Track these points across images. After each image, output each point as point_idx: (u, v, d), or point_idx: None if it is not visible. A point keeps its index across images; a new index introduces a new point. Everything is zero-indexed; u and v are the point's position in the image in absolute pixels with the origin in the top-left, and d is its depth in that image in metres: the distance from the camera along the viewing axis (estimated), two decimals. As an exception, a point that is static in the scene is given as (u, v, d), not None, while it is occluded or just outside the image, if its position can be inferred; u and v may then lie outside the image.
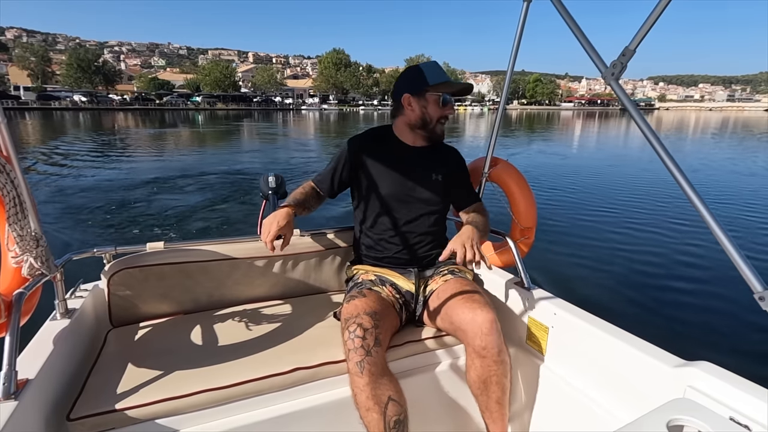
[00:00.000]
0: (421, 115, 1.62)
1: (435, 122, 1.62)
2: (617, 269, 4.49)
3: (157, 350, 1.42)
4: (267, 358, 1.37)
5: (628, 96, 1.06)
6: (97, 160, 12.36)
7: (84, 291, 1.60)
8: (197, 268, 1.69)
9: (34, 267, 1.21)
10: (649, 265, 4.59)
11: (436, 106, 1.60)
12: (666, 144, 0.98)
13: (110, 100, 62.66)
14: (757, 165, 13.28)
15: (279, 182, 1.83)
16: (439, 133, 1.66)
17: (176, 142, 18.70)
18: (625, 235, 5.67)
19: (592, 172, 11.47)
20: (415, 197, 1.65)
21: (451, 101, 1.61)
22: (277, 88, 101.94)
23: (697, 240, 5.25)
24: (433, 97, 1.59)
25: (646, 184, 9.36)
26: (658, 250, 5.04)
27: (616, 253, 4.95)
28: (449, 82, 1.59)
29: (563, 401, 1.47)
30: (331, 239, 1.93)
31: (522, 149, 17.40)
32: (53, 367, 1.20)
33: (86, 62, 71.74)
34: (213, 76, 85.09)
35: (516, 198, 1.90)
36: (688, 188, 0.94)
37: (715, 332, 3.31)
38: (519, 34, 1.69)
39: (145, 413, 1.16)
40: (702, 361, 1.10)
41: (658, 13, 1.00)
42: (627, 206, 7.28)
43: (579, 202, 7.60)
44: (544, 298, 1.57)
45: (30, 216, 1.19)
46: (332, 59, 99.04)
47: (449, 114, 1.63)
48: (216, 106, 70.13)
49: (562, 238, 5.43)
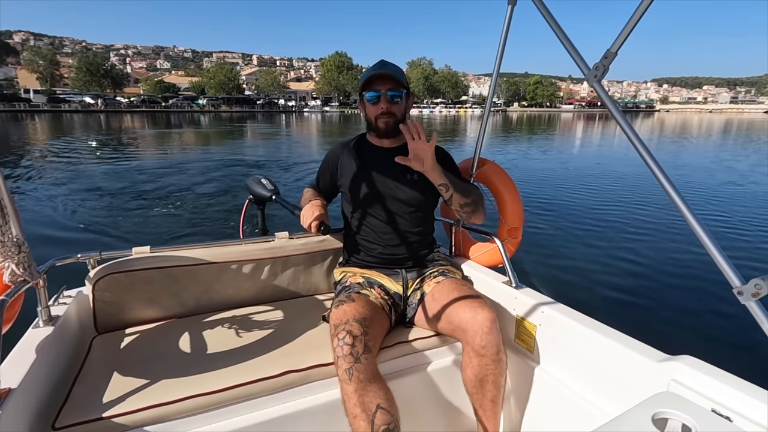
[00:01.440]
0: (365, 117, 1.69)
1: (375, 121, 1.64)
2: (603, 267, 4.60)
3: (144, 356, 1.41)
4: (257, 362, 1.37)
5: (611, 97, 1.08)
6: (85, 164, 12.06)
7: (68, 297, 1.57)
8: (184, 272, 1.68)
9: (15, 273, 1.19)
10: (633, 263, 4.74)
11: (369, 105, 1.63)
12: (648, 145, 1.00)
13: (118, 102, 64.21)
14: (738, 164, 13.55)
15: (274, 184, 1.85)
16: (381, 129, 1.65)
17: (165, 145, 18.65)
18: (609, 233, 5.80)
19: (579, 173, 11.60)
20: (393, 198, 1.66)
21: (381, 97, 1.59)
22: (280, 90, 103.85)
23: (678, 237, 5.45)
24: (365, 98, 1.63)
25: (630, 183, 9.58)
26: (640, 247, 5.19)
27: (602, 251, 5.09)
28: (373, 78, 1.60)
29: (552, 397, 1.50)
30: (320, 242, 1.94)
31: (522, 150, 17.79)
32: (37, 375, 1.18)
33: (95, 66, 73.82)
34: (217, 79, 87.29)
35: (503, 198, 1.92)
36: (669, 187, 0.96)
37: (697, 327, 3.41)
38: (504, 37, 1.70)
39: (132, 420, 1.15)
40: (685, 356, 1.13)
41: (638, 17, 1.02)
42: (611, 205, 7.47)
43: (565, 202, 7.71)
44: (532, 297, 1.59)
45: (11, 221, 1.16)
46: (334, 62, 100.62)
47: (383, 109, 1.60)
48: (220, 108, 71.50)
49: (548, 238, 5.54)
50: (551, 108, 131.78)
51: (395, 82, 1.60)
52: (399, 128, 1.59)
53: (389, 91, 1.59)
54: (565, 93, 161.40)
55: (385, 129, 1.65)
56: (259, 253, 1.80)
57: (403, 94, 1.63)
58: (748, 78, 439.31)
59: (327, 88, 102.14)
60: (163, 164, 12.25)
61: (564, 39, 1.15)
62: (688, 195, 1.31)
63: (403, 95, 1.63)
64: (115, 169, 11.11)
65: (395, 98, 1.61)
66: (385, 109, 1.61)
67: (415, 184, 1.66)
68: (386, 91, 1.59)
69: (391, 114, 1.62)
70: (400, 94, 1.62)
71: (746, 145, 21.33)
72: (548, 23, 1.19)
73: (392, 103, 1.61)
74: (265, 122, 42.18)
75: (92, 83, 72.12)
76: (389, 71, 1.58)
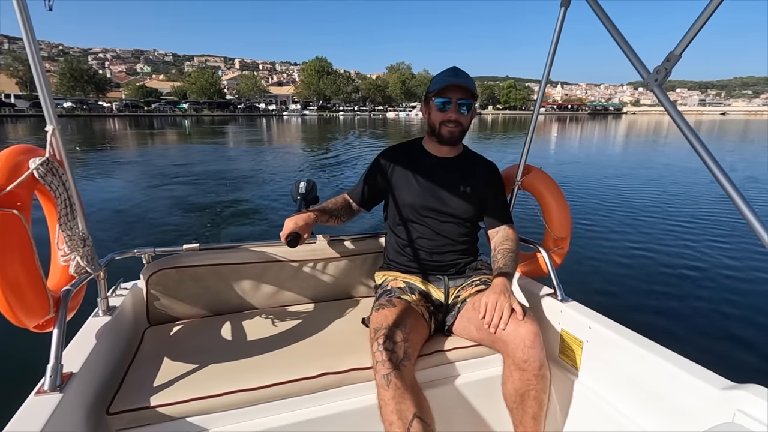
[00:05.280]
0: (429, 121, 1.68)
1: (438, 127, 1.63)
2: (657, 282, 4.28)
3: (190, 349, 1.46)
4: (296, 362, 1.38)
5: (672, 102, 1.01)
6: (129, 167, 12.72)
7: (124, 290, 1.65)
8: (230, 269, 1.74)
9: (80, 265, 1.26)
10: (692, 279, 4.38)
11: (436, 110, 1.62)
12: (710, 147, 0.93)
13: (101, 107, 65.50)
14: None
15: (309, 188, 1.85)
16: (444, 136, 1.63)
17: (201, 147, 19.35)
18: (665, 245, 5.40)
19: (625, 179, 10.85)
20: (442, 208, 1.64)
21: (451, 105, 1.58)
22: (261, 94, 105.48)
23: (744, 254, 5.03)
24: (433, 103, 1.61)
25: (690, 190, 9.03)
26: (701, 261, 4.83)
27: (656, 265, 4.75)
28: (446, 85, 1.57)
29: (598, 419, 1.41)
30: (361, 245, 1.95)
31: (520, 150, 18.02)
32: (95, 362, 1.25)
33: (79, 72, 75.03)
34: (199, 84, 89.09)
35: (549, 207, 1.83)
36: (738, 199, 0.89)
37: (766, 353, 3.13)
38: (556, 40, 1.64)
39: (177, 411, 1.20)
40: (752, 384, 1.03)
41: (707, 16, 0.95)
42: (668, 214, 6.94)
43: (615, 210, 7.22)
44: (579, 311, 1.52)
45: (78, 217, 1.24)
46: (315, 67, 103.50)
47: (451, 117, 1.59)
48: (202, 112, 73.17)
49: (597, 249, 5.23)
50: (524, 111, 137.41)
51: (467, 92, 1.58)
52: (461, 138, 1.67)
53: (460, 99, 1.58)
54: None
55: (449, 137, 1.63)
56: (302, 254, 1.83)
57: (471, 104, 1.62)
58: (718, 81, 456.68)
59: (307, 92, 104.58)
60: (184, 166, 12.86)
61: (622, 42, 1.11)
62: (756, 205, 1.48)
63: (471, 105, 1.62)
64: (164, 172, 11.59)
65: (464, 108, 1.59)
66: (453, 117, 1.59)
67: (467, 196, 1.66)
68: (457, 99, 1.58)
69: (458, 123, 1.61)
70: (470, 104, 1.60)
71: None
72: (605, 26, 1.15)
73: (460, 112, 1.60)
74: (246, 126, 43.67)
75: (76, 88, 73.25)
76: (462, 82, 1.57)
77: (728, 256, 4.97)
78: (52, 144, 1.17)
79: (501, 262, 1.56)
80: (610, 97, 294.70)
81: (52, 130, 1.16)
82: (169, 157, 15.83)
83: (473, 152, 1.80)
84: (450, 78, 1.58)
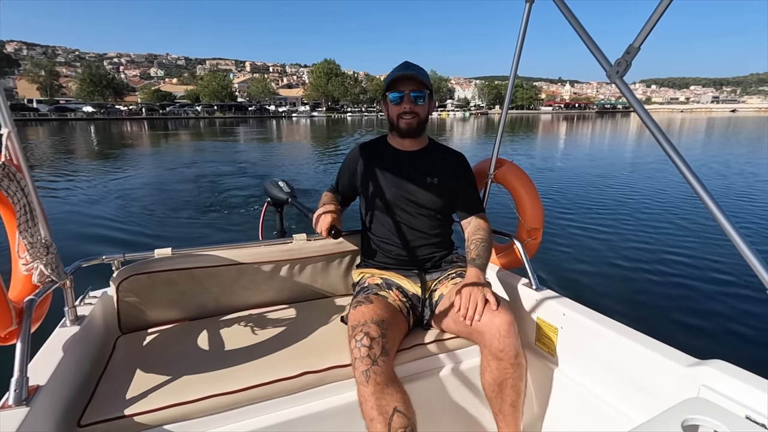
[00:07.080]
0: (388, 117, 1.71)
1: (396, 120, 1.66)
2: (626, 268, 4.48)
3: (165, 356, 1.42)
4: (275, 363, 1.37)
5: (634, 95, 1.03)
6: (104, 170, 12.37)
7: (93, 298, 1.59)
8: (204, 273, 1.71)
9: (44, 274, 1.21)
10: (659, 263, 4.58)
11: (392, 105, 1.65)
12: (675, 143, 0.95)
13: (119, 111, 67.95)
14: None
15: (290, 186, 1.84)
16: (403, 129, 1.66)
17: (179, 150, 19.27)
18: (633, 233, 5.64)
19: (598, 172, 11.43)
20: (412, 201, 1.66)
21: (404, 97, 1.61)
22: (271, 97, 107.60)
23: (707, 237, 5.28)
24: (388, 98, 1.65)
25: (655, 182, 9.41)
26: (666, 247, 5.04)
27: (625, 252, 4.95)
28: (397, 78, 1.61)
29: (574, 402, 1.46)
30: (337, 243, 1.93)
31: (521, 150, 18.15)
32: (63, 373, 1.20)
33: (98, 77, 78.07)
34: (211, 87, 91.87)
35: (522, 199, 1.88)
36: (698, 186, 0.92)
37: (728, 330, 3.25)
38: (522, 36, 1.67)
39: (154, 419, 1.17)
40: (716, 360, 1.08)
41: (661, 11, 0.99)
42: (634, 205, 7.31)
43: (585, 202, 7.59)
44: (553, 299, 1.56)
45: (40, 223, 1.20)
46: (323, 69, 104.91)
47: (406, 109, 1.62)
48: (214, 114, 75.11)
49: (569, 239, 5.40)
50: (531, 110, 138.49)
51: (418, 83, 1.62)
52: (421, 130, 1.69)
53: (412, 91, 1.60)
54: (547, 95, 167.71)
55: (407, 129, 1.66)
56: (278, 255, 1.82)
57: (426, 95, 1.64)
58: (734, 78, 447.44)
59: (315, 94, 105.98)
60: (183, 168, 12.85)
61: (585, 36, 1.14)
62: (717, 195, 1.30)
63: (426, 96, 1.64)
64: (135, 175, 11.48)
65: (418, 99, 1.62)
66: (408, 108, 1.62)
67: (434, 188, 1.67)
68: (409, 91, 1.60)
69: (414, 114, 1.64)
70: (423, 95, 1.63)
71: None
72: (568, 21, 1.18)
73: (415, 103, 1.62)
74: (257, 127, 44.82)
75: (95, 93, 76.07)
76: (412, 72, 1.60)
77: (688, 241, 5.31)
78: (8, 147, 1.14)
79: (474, 252, 1.59)
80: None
81: (7, 133, 1.13)
82: (158, 161, 15.42)
83: (441, 144, 1.83)
84: (400, 71, 1.63)
